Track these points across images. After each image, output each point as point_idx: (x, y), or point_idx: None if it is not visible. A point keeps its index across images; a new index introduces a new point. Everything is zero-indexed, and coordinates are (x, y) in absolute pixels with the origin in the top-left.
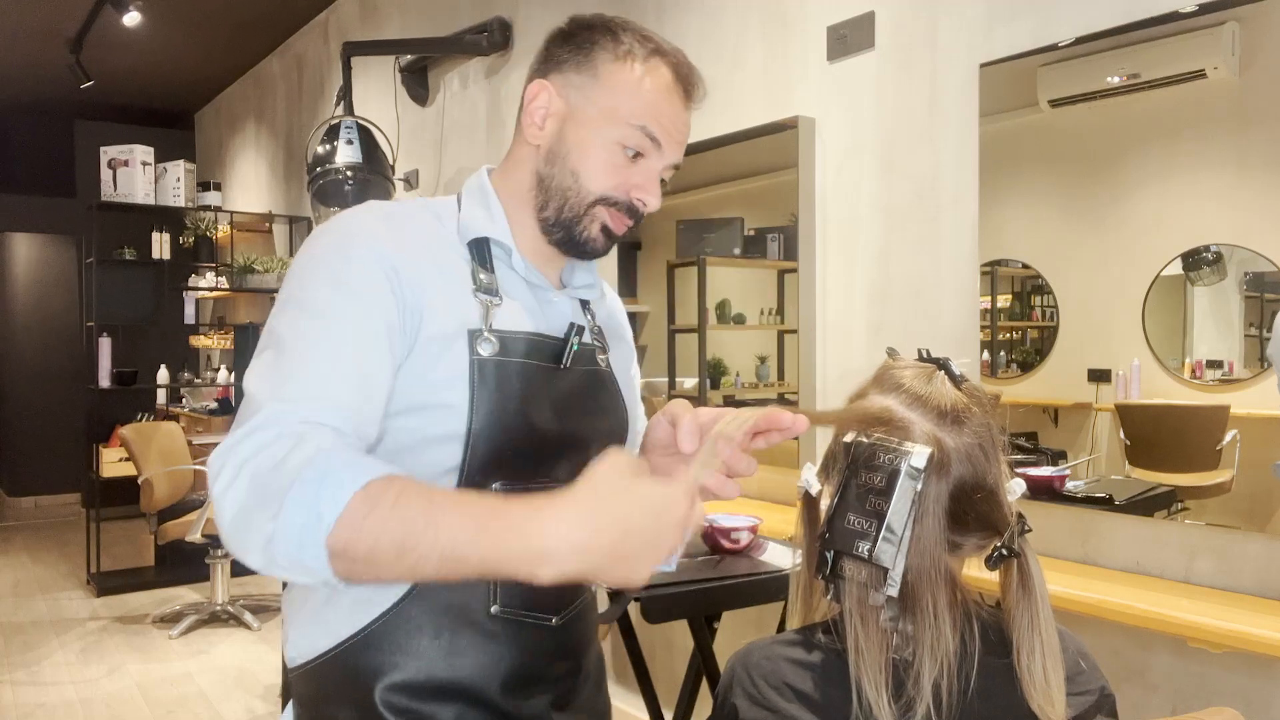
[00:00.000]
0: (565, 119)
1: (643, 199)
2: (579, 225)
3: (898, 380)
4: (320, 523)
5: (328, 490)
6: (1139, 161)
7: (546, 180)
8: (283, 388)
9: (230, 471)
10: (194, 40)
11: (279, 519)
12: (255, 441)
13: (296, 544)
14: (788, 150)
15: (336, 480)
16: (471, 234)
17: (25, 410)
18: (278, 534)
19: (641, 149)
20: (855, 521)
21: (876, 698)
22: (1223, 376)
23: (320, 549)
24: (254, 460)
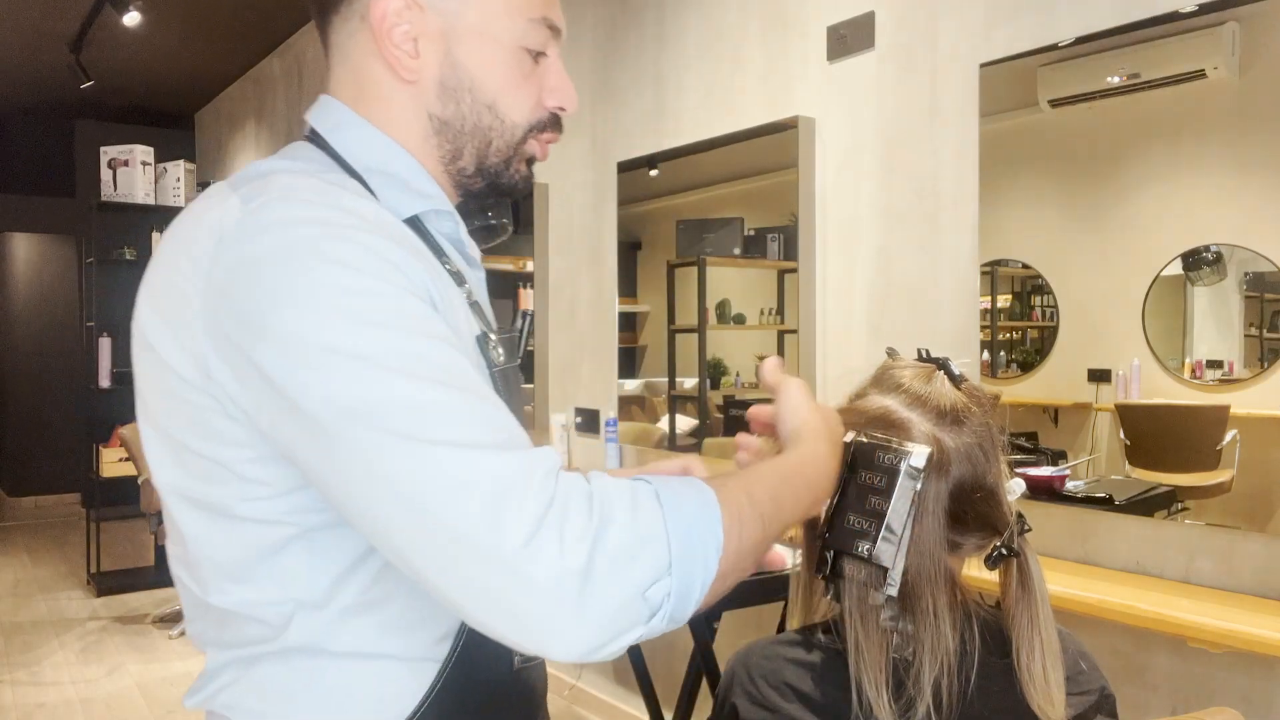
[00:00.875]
0: (445, 38)
1: (563, 104)
2: (510, 169)
3: (897, 380)
4: (717, 552)
5: (703, 522)
6: (1139, 161)
7: (454, 123)
8: (488, 435)
9: (579, 559)
10: (194, 40)
11: (674, 575)
12: (556, 517)
13: (690, 596)
14: (788, 150)
15: (698, 508)
16: (411, 209)
17: (25, 410)
18: (673, 592)
19: (544, 45)
20: (855, 521)
21: (876, 697)
22: (1223, 376)
23: (712, 583)
24: (599, 535)
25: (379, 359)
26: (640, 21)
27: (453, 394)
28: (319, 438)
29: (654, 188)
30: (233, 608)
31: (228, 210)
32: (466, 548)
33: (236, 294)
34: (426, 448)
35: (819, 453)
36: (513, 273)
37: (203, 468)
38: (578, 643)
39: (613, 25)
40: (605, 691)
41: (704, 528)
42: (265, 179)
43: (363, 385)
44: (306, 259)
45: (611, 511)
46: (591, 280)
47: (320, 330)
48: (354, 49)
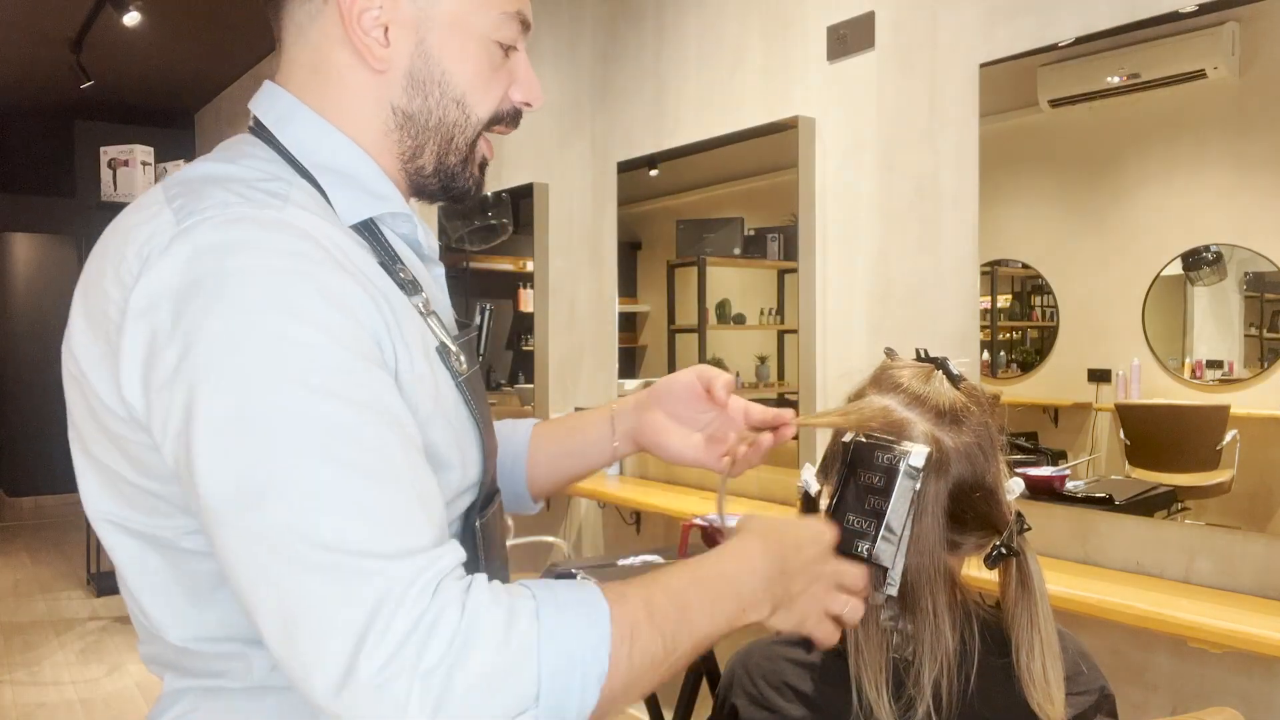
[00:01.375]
0: (418, 26)
1: (529, 99)
2: (465, 170)
3: (896, 380)
4: (597, 684)
5: (585, 645)
6: (1139, 161)
7: (419, 118)
8: (368, 541)
9: (416, 693)
10: (194, 40)
11: (541, 704)
12: (419, 639)
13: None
14: (788, 150)
15: (584, 629)
16: (366, 211)
17: (25, 410)
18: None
19: (515, 40)
20: (854, 521)
21: (876, 697)
22: (1223, 376)
23: (589, 712)
24: (447, 666)
25: (291, 432)
26: (640, 21)
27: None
28: (211, 513)
29: (654, 188)
30: (189, 645)
31: (159, 228)
32: (319, 680)
33: (159, 329)
34: (310, 554)
35: (748, 551)
36: (513, 273)
37: (141, 499)
38: None
39: (613, 25)
40: None
41: (585, 654)
42: (201, 189)
43: (266, 464)
44: (233, 299)
45: (479, 636)
46: (591, 280)
47: (233, 390)
48: (314, 32)
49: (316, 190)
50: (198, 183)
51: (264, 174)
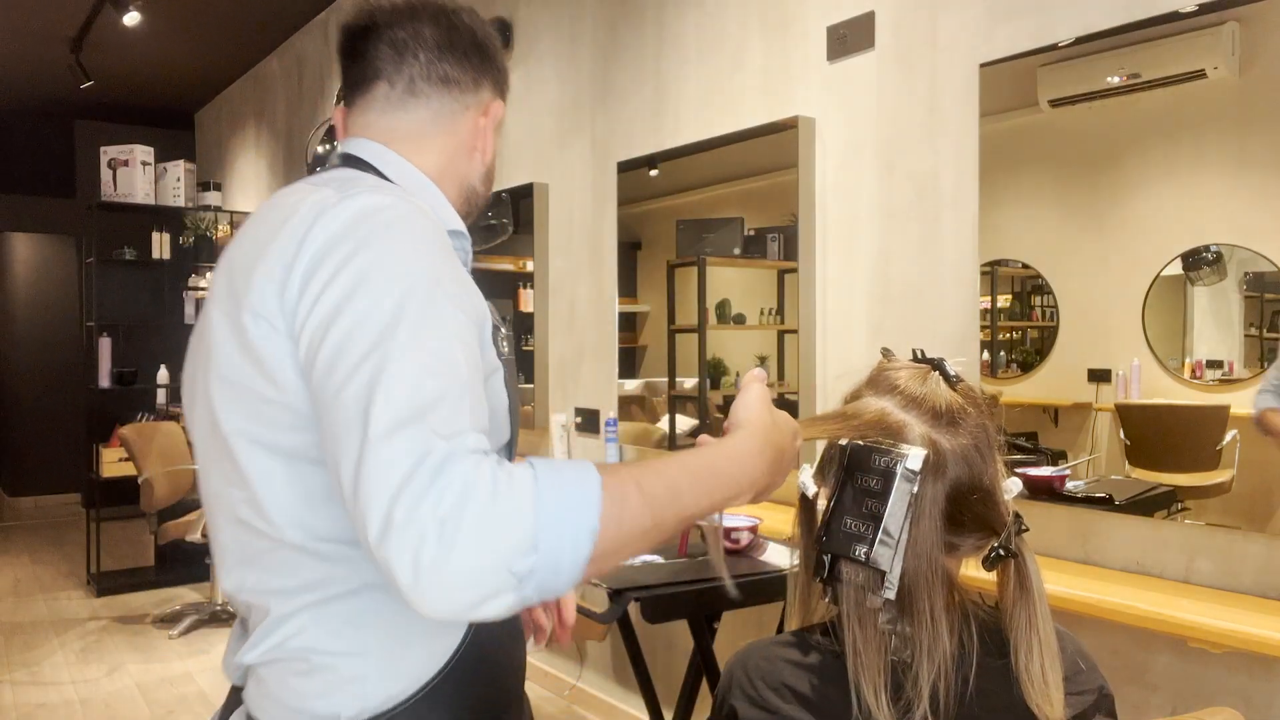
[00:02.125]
0: (494, 142)
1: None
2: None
3: (893, 381)
4: (589, 537)
5: (579, 503)
6: (1139, 161)
7: (477, 200)
8: (433, 421)
9: (432, 534)
10: (194, 40)
11: (539, 551)
12: (442, 491)
13: (560, 570)
14: (788, 150)
15: (578, 490)
16: (448, 226)
17: (25, 410)
18: (539, 566)
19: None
20: (852, 524)
21: (875, 699)
22: (1223, 376)
23: (584, 564)
24: (461, 512)
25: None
26: (640, 21)
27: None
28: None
29: (654, 188)
30: (305, 543)
31: (325, 196)
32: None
33: (327, 251)
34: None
35: (744, 449)
36: (513, 273)
37: (274, 415)
38: (441, 600)
39: (613, 25)
40: (605, 691)
41: (578, 511)
42: (349, 180)
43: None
44: (387, 230)
45: (480, 489)
46: (591, 280)
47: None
48: (445, 119)
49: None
50: (342, 178)
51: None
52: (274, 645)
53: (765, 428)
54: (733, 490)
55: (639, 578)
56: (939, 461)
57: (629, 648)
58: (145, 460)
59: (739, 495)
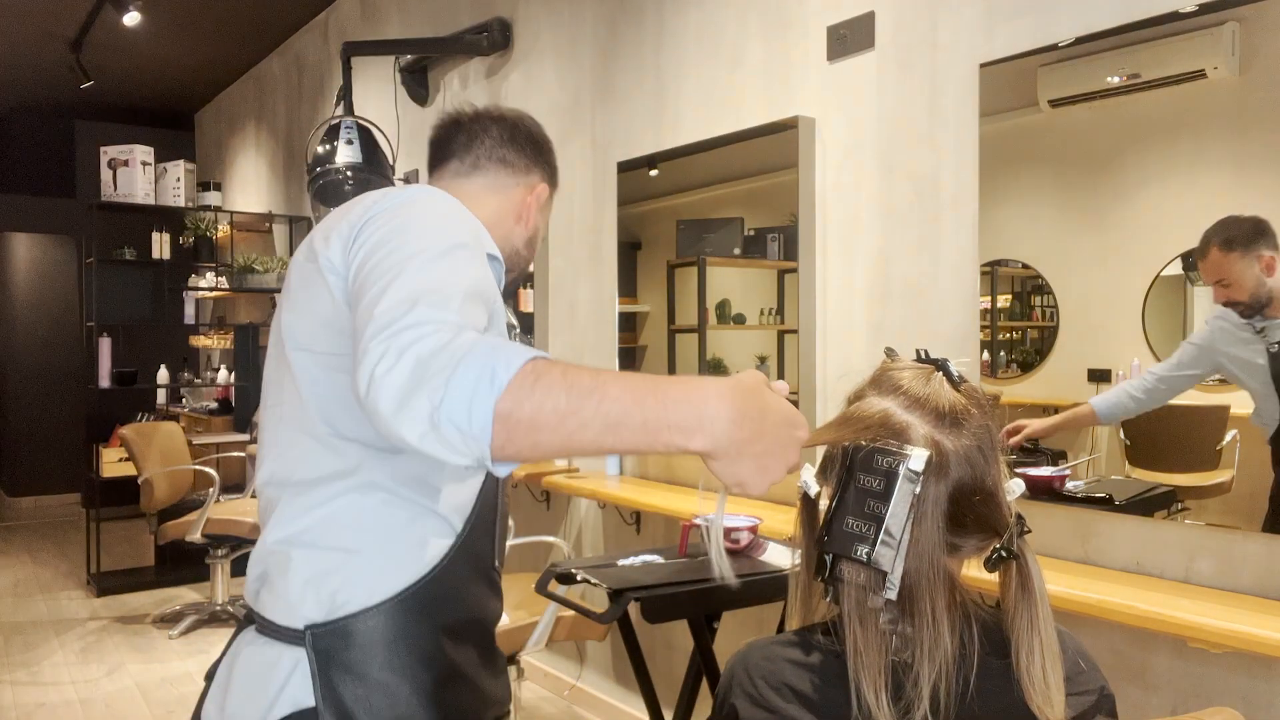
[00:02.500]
0: (540, 210)
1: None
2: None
3: (896, 382)
4: (493, 383)
5: (501, 358)
6: (1139, 161)
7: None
8: (426, 299)
9: (392, 355)
10: (194, 40)
11: (450, 384)
12: (414, 332)
13: (466, 406)
14: (788, 150)
15: (507, 352)
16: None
17: (25, 410)
18: (448, 398)
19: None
20: (854, 524)
21: (875, 699)
22: (1223, 377)
23: (489, 411)
24: (416, 345)
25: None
26: (640, 21)
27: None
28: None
29: (654, 188)
30: (328, 436)
31: (385, 192)
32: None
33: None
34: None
35: (704, 384)
36: None
37: (325, 332)
38: (385, 415)
39: (613, 25)
40: (605, 691)
41: (495, 365)
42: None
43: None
44: (430, 203)
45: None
46: (591, 280)
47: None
48: (498, 189)
49: None
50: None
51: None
52: (286, 536)
53: (741, 382)
54: (676, 417)
55: (639, 578)
56: (942, 462)
57: (629, 648)
58: (145, 460)
59: (686, 428)
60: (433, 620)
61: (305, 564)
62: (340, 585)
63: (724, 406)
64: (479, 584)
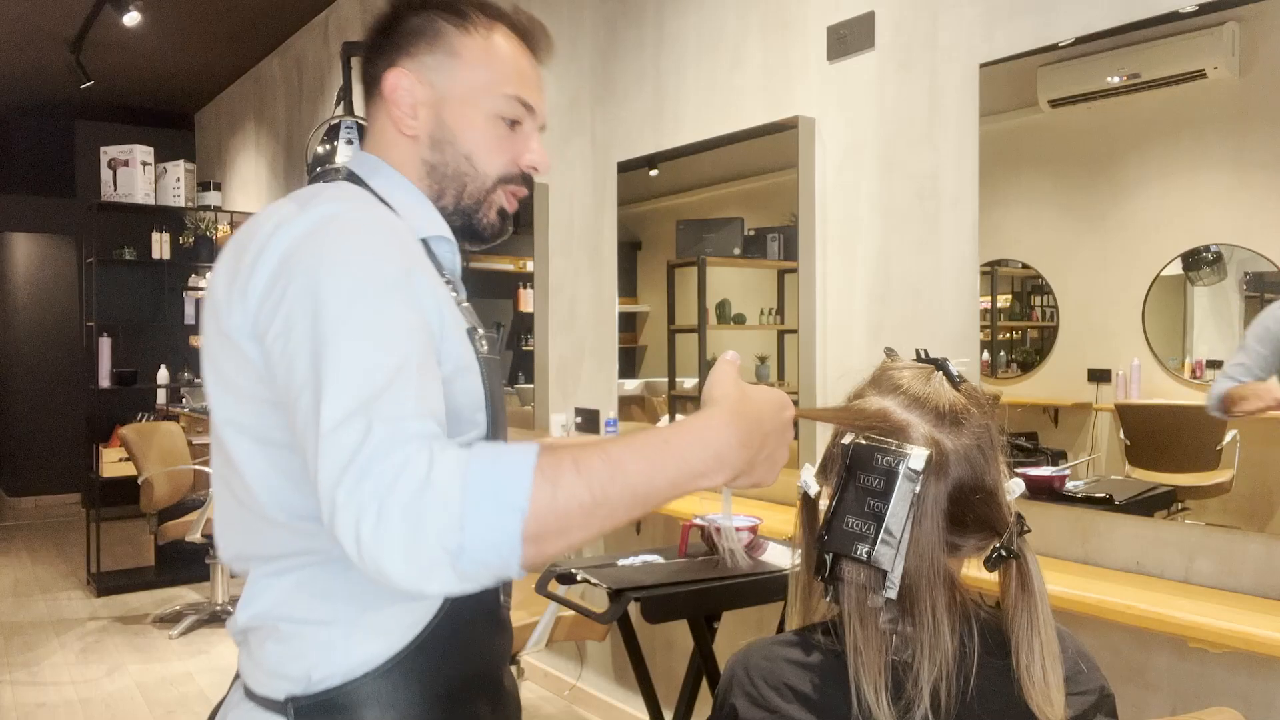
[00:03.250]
0: (437, 104)
1: (535, 165)
2: (479, 212)
3: (896, 381)
4: (513, 511)
5: (505, 478)
6: (1139, 161)
7: (440, 168)
8: (377, 409)
9: (371, 512)
10: (194, 40)
11: (466, 529)
12: (381, 469)
13: (492, 547)
14: (788, 150)
15: (507, 467)
16: (424, 232)
17: (25, 410)
18: (469, 546)
19: (518, 116)
20: (854, 523)
21: (875, 699)
22: None
23: (517, 542)
24: (395, 491)
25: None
26: (640, 21)
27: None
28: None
29: (654, 188)
30: (290, 521)
31: (287, 209)
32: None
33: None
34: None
35: (706, 423)
36: (513, 273)
37: (254, 406)
38: (393, 572)
39: (613, 25)
40: (605, 691)
41: (506, 490)
42: (314, 193)
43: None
44: (338, 235)
45: (414, 470)
46: (591, 280)
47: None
48: (378, 115)
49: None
50: (314, 190)
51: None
52: (256, 612)
53: (732, 401)
54: (697, 465)
55: (639, 578)
56: (941, 461)
57: (629, 648)
58: (145, 460)
59: (708, 471)
60: (428, 686)
61: (278, 640)
62: (317, 661)
63: (729, 434)
64: (483, 629)
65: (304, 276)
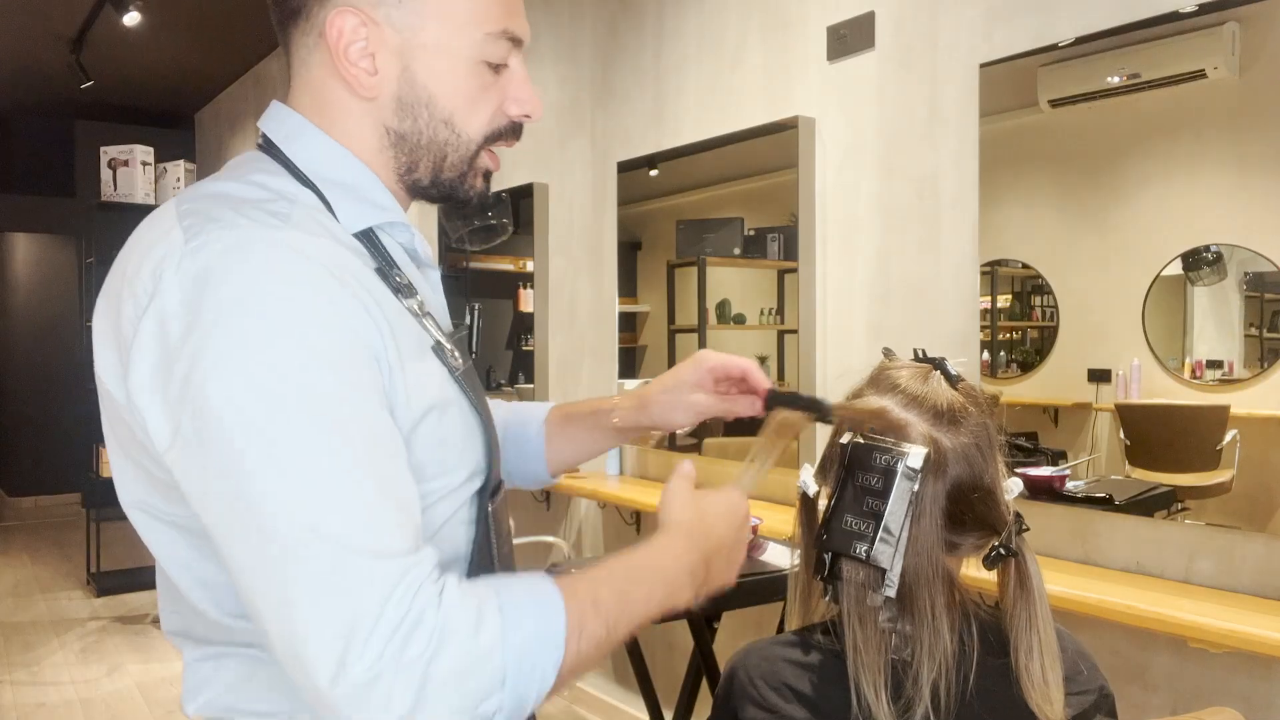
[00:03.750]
0: (401, 54)
1: (528, 112)
2: (464, 183)
3: (894, 381)
4: (555, 670)
5: (543, 639)
6: (1139, 161)
7: (410, 138)
8: (359, 539)
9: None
10: (194, 40)
11: (506, 689)
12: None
13: (523, 702)
14: (788, 150)
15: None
16: (366, 221)
17: (25, 410)
18: (505, 704)
19: (505, 58)
20: (853, 522)
21: (875, 698)
22: (1223, 376)
23: (547, 693)
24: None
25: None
26: (640, 21)
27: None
28: (215, 516)
29: (654, 188)
30: (225, 620)
31: (170, 248)
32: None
33: (166, 348)
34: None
35: (676, 549)
36: (513, 273)
37: (166, 490)
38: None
39: (613, 25)
40: (605, 691)
41: (544, 642)
42: (209, 209)
43: (267, 468)
44: (234, 310)
45: (453, 633)
46: (591, 280)
47: (239, 407)
48: (313, 64)
49: (321, 202)
50: (206, 201)
51: (269, 194)
52: (204, 702)
53: (688, 525)
54: (677, 589)
55: None
56: (940, 460)
57: (629, 648)
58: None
59: (683, 593)
60: None
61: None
62: None
63: (690, 559)
64: None
65: (200, 384)
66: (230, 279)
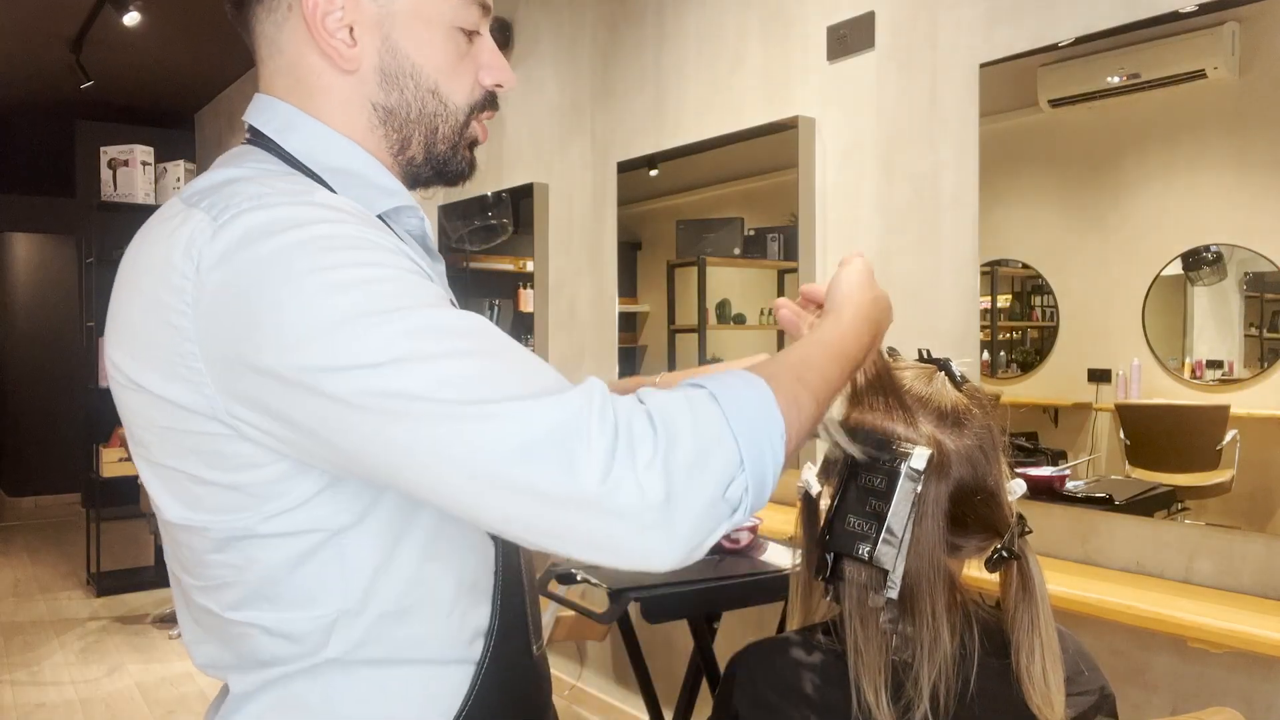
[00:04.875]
0: (380, 23)
1: (500, 81)
2: (457, 155)
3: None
4: (783, 442)
5: (763, 415)
6: (1139, 161)
7: (400, 111)
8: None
9: (648, 487)
10: (194, 40)
11: (747, 469)
12: (624, 446)
13: (764, 483)
14: (788, 150)
15: (757, 403)
16: (378, 206)
17: (25, 410)
18: (750, 486)
19: (478, 24)
20: (855, 523)
21: (875, 699)
22: (1223, 376)
23: (781, 470)
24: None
25: (400, 348)
26: (640, 21)
27: (485, 358)
28: (370, 436)
29: (654, 188)
30: (268, 625)
31: (197, 230)
32: (549, 501)
33: (238, 315)
34: (480, 419)
35: (856, 328)
36: (513, 273)
37: (214, 498)
38: (672, 554)
39: (613, 25)
40: (605, 691)
41: (766, 419)
42: (225, 190)
43: (396, 377)
44: (298, 263)
45: (675, 426)
46: (591, 280)
47: (333, 334)
48: (286, 41)
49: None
50: (218, 186)
51: (279, 170)
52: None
53: (871, 308)
54: (855, 364)
55: (639, 578)
56: (943, 462)
57: (629, 648)
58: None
59: (856, 369)
60: None
61: None
62: None
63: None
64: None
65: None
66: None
